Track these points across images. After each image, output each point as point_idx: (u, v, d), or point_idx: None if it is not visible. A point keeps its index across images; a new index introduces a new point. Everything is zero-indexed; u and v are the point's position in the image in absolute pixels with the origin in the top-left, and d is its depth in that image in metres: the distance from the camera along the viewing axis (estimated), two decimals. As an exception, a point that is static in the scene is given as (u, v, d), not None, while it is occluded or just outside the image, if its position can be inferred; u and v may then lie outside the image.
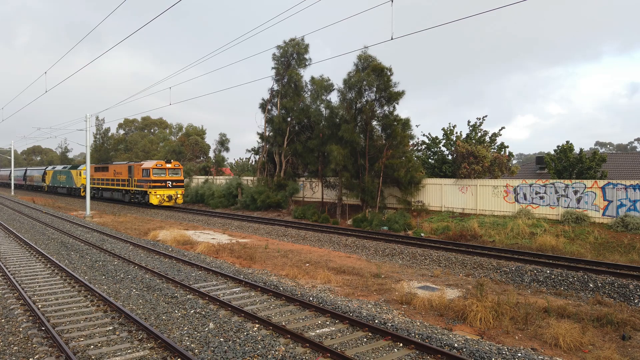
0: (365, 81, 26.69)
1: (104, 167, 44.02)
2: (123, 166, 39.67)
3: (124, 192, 39.57)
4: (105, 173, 42.96)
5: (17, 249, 17.84)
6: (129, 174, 38.03)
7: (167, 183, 35.46)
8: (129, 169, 38.14)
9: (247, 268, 14.67)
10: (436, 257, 15.91)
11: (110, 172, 41.69)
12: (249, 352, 7.60)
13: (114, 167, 41.51)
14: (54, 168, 60.12)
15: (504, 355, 7.55)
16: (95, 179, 45.09)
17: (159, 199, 34.93)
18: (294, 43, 34.45)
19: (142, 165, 36.14)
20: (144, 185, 35.68)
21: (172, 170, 35.84)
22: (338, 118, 28.84)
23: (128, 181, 38.24)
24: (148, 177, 35.10)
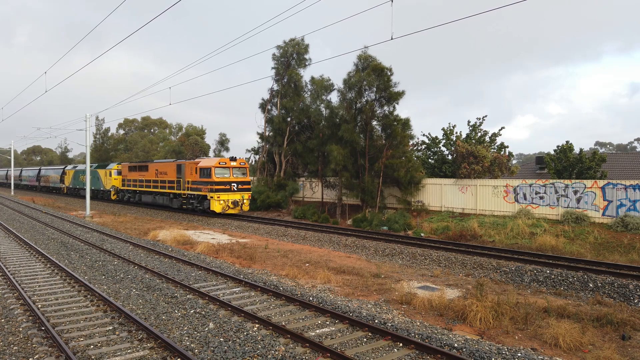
0: (365, 81, 26.70)
1: (141, 165, 36.69)
2: (169, 165, 32.74)
3: (171, 196, 32.41)
4: (144, 173, 35.91)
5: (17, 249, 17.84)
6: (177, 174, 31.14)
7: (232, 185, 27.97)
8: (177, 168, 31.30)
9: (247, 268, 14.67)
10: (436, 257, 15.91)
11: (151, 171, 34.81)
12: (248, 352, 7.60)
13: (155, 165, 34.47)
14: (75, 167, 52.66)
15: (503, 355, 7.55)
16: (131, 181, 37.99)
17: (222, 206, 27.53)
18: (294, 43, 34.46)
19: (199, 163, 28.97)
20: (202, 189, 28.37)
21: (237, 169, 28.67)
22: (338, 118, 28.85)
23: (177, 183, 31.18)
24: (209, 177, 27.75)
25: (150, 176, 34.96)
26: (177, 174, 31.23)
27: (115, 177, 41.85)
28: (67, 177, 54.14)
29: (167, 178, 32.64)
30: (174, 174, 31.69)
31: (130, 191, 38.95)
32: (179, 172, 30.95)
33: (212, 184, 27.66)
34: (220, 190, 27.66)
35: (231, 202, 27.85)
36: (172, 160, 33.95)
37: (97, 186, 45.38)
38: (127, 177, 38.88)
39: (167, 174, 32.68)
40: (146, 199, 36.06)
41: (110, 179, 42.55)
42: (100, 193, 45.67)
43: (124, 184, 39.64)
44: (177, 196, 31.87)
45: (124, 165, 40.18)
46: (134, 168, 37.83)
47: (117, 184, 41.50)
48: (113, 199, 42.79)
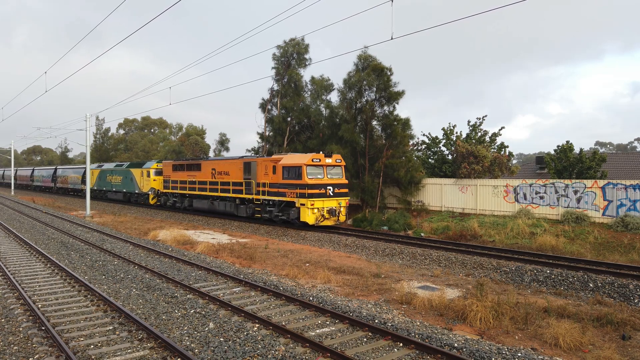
0: (365, 81, 26.72)
1: (191, 164, 30.84)
2: (232, 163, 26.66)
3: (237, 202, 26.33)
4: (195, 173, 30.09)
5: (17, 249, 17.84)
6: (245, 174, 25.29)
7: (328, 189, 21.67)
8: (245, 167, 25.37)
9: (247, 268, 14.67)
10: (436, 257, 15.91)
11: (205, 171, 29.08)
12: (249, 352, 7.60)
13: (212, 164, 28.77)
14: (102, 167, 45.86)
15: (503, 355, 7.54)
16: (177, 182, 32.03)
17: (316, 215, 21.39)
18: (294, 43, 34.46)
19: (282, 160, 22.84)
20: (286, 193, 22.28)
21: (332, 167, 22.31)
22: (338, 118, 28.86)
23: (246, 185, 25.21)
24: (298, 179, 21.60)
25: (205, 177, 29.01)
26: (245, 174, 25.33)
27: (154, 177, 35.58)
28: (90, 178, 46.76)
29: (229, 179, 26.59)
30: (240, 174, 25.73)
31: (176, 195, 32.74)
32: (248, 172, 25.17)
33: (304, 187, 21.30)
34: (314, 196, 21.29)
35: (327, 210, 21.61)
36: (237, 157, 27.48)
37: (130, 188, 38.97)
38: (171, 177, 32.78)
39: (229, 174, 26.74)
40: (199, 204, 29.79)
41: (148, 180, 36.01)
42: (135, 197, 39.10)
43: (167, 186, 33.40)
44: (246, 202, 25.72)
45: (166, 163, 34.16)
46: (181, 167, 31.99)
47: (157, 186, 35.66)
48: (152, 204, 36.41)
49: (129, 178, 39.27)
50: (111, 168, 43.20)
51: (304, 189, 21.38)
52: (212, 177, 28.28)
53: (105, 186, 43.90)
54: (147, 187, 36.33)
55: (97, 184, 45.52)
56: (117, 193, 41.73)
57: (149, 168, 36.24)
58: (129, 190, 39.34)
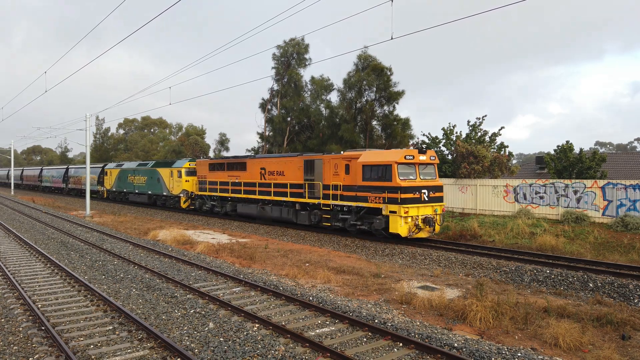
0: (365, 81, 26.77)
1: (233, 163, 26.95)
2: (288, 161, 22.80)
3: (297, 207, 22.30)
4: (239, 173, 26.27)
5: (17, 249, 17.84)
6: (307, 174, 21.39)
7: (422, 193, 17.69)
8: (306, 165, 21.40)
9: (247, 268, 14.68)
10: (436, 257, 15.91)
11: (252, 171, 25.24)
12: (248, 351, 7.60)
13: (261, 162, 24.74)
14: (121, 166, 41.47)
15: (503, 355, 7.55)
16: (216, 184, 28.24)
17: (409, 226, 17.39)
18: (294, 43, 34.48)
19: (362, 157, 18.75)
20: (369, 197, 18.20)
21: (424, 166, 18.49)
22: (338, 118, 28.90)
23: (308, 188, 21.24)
24: (386, 180, 17.64)
25: (251, 177, 25.29)
26: (306, 175, 21.44)
27: (186, 178, 31.84)
28: (108, 178, 43.52)
29: (285, 180, 22.78)
30: (299, 174, 21.92)
31: (214, 198, 28.93)
32: (310, 172, 21.22)
33: (395, 191, 17.33)
34: (408, 202, 17.26)
35: (421, 219, 17.64)
36: (294, 154, 23.62)
37: (157, 190, 34.95)
38: (208, 178, 29.07)
39: (284, 175, 22.94)
40: (245, 209, 25.93)
41: (179, 182, 32.14)
42: (162, 200, 34.86)
43: (203, 188, 29.61)
44: (309, 208, 21.80)
45: (201, 162, 30.36)
46: (220, 166, 28.12)
47: (190, 187, 31.95)
48: (184, 208, 32.36)
49: (155, 179, 35.14)
50: (133, 167, 38.85)
51: (396, 193, 17.28)
52: (262, 177, 24.37)
53: (126, 187, 39.64)
54: (177, 189, 32.37)
55: (116, 185, 41.51)
56: (141, 195, 37.47)
57: (180, 167, 32.12)
58: (155, 192, 35.24)
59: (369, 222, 18.73)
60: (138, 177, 37.77)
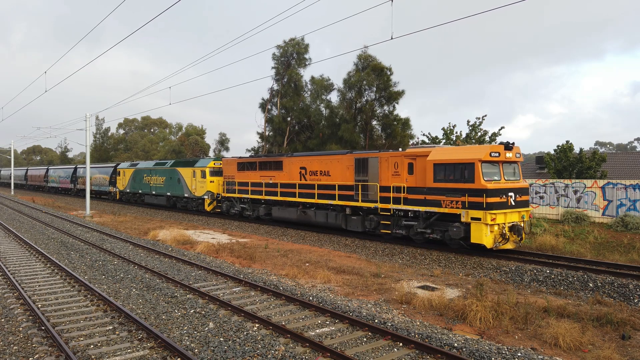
0: (365, 81, 26.78)
1: (266, 161, 24.36)
2: (335, 160, 20.35)
3: (346, 212, 19.83)
4: (273, 173, 23.75)
5: (17, 249, 17.84)
6: (359, 173, 18.91)
7: (509, 197, 15.33)
8: (360, 164, 18.94)
9: (247, 268, 14.68)
10: (436, 257, 15.91)
11: (290, 170, 22.70)
12: (248, 351, 7.60)
13: (300, 161, 22.19)
14: (136, 165, 38.67)
15: (503, 354, 7.55)
16: (247, 185, 25.64)
17: (494, 235, 15.12)
18: (294, 43, 34.48)
19: (432, 154, 16.30)
20: (443, 202, 15.75)
21: (508, 165, 16.11)
22: (338, 118, 28.91)
23: (360, 190, 18.78)
24: (467, 181, 15.23)
25: (289, 177, 22.74)
26: (358, 175, 18.94)
27: (211, 178, 29.24)
28: (121, 179, 40.66)
29: (331, 181, 20.28)
30: (348, 174, 19.47)
31: (245, 200, 26.29)
32: (362, 172, 18.75)
33: (479, 194, 14.91)
34: (495, 207, 14.91)
35: (508, 226, 15.30)
36: (342, 152, 21.15)
37: (177, 192, 32.39)
38: (236, 178, 26.55)
39: (330, 175, 20.42)
40: (283, 213, 23.26)
41: (203, 182, 29.52)
42: (183, 202, 32.15)
43: (231, 190, 27.08)
44: (361, 212, 19.15)
45: (228, 161, 27.93)
46: (250, 166, 25.47)
47: (215, 189, 29.29)
48: (209, 212, 29.63)
49: (175, 179, 32.63)
50: (150, 167, 36.27)
51: (480, 197, 14.81)
52: (302, 178, 21.93)
53: (141, 188, 36.98)
54: (201, 191, 29.74)
55: (130, 186, 38.88)
56: (158, 197, 34.89)
57: (204, 167, 29.47)
58: (174, 193, 32.69)
59: (442, 230, 16.19)
60: (155, 178, 35.19)
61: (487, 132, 29.77)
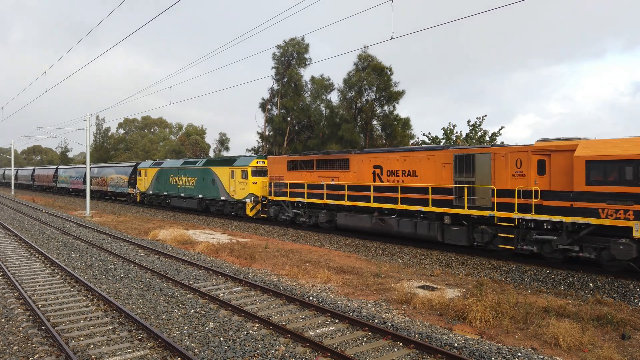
0: (365, 81, 26.80)
1: (327, 159, 20.77)
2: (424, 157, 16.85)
3: (444, 220, 16.19)
4: (337, 173, 20.12)
5: (17, 249, 17.85)
6: (460, 173, 15.53)
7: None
8: (462, 162, 15.49)
9: (247, 267, 14.68)
10: (436, 257, 15.91)
11: (360, 170, 19.06)
12: (249, 351, 7.61)
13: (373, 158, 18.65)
14: (160, 165, 35.21)
15: (503, 354, 7.55)
16: (302, 186, 21.85)
17: None
18: (294, 43, 34.50)
19: (581, 149, 12.74)
20: (604, 211, 12.18)
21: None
22: (338, 117, 28.92)
23: (466, 193, 15.27)
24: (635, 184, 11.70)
25: (358, 178, 19.06)
26: (460, 175, 15.48)
27: (253, 179, 25.49)
28: (142, 179, 37.14)
29: (419, 183, 16.75)
30: (444, 174, 16.02)
31: (300, 205, 22.57)
32: (465, 171, 15.34)
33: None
34: None
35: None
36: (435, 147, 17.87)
37: (211, 194, 28.78)
38: (287, 179, 22.88)
39: (418, 176, 16.86)
40: (353, 221, 19.42)
41: (244, 184, 25.80)
42: (218, 206, 28.81)
43: (280, 192, 23.34)
44: (466, 222, 15.60)
45: (275, 160, 24.02)
46: (305, 164, 21.85)
47: (258, 191, 25.51)
48: (251, 217, 25.93)
49: (209, 179, 29.10)
50: (177, 166, 32.74)
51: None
52: (376, 179, 18.42)
53: (167, 190, 33.55)
54: (241, 193, 26.09)
55: (154, 187, 35.33)
56: (188, 200, 31.37)
57: (246, 166, 25.86)
58: (208, 196, 29.14)
59: (598, 247, 12.73)
60: (184, 178, 31.65)
61: (488, 132, 29.80)
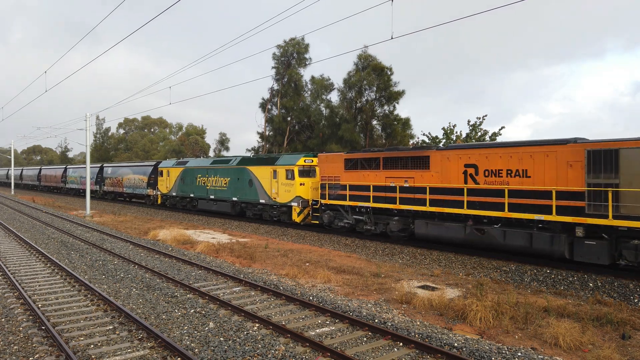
0: (365, 80, 26.81)
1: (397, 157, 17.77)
2: (537, 153, 13.77)
3: (576, 232, 12.86)
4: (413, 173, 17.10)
5: (17, 248, 17.85)
6: (598, 173, 12.37)
7: None
8: (600, 158, 12.33)
9: (247, 267, 14.68)
10: (436, 257, 15.91)
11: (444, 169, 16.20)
12: (249, 351, 7.61)
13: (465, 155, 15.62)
14: (186, 164, 32.16)
15: (503, 354, 7.55)
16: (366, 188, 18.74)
17: None
18: (294, 42, 34.51)
19: None
20: None
21: None
22: (338, 117, 28.93)
23: (592, 199, 12.40)
24: None
25: (442, 179, 16.11)
26: (593, 175, 12.54)
27: (301, 180, 22.51)
28: (164, 180, 34.01)
29: (532, 185, 13.85)
30: (571, 174, 13.10)
31: (363, 210, 19.19)
32: (601, 170, 12.35)
33: None
34: None
35: None
36: (556, 141, 13.78)
37: (248, 196, 25.70)
38: (343, 180, 19.73)
39: (527, 176, 14.03)
40: (438, 231, 16.17)
41: (291, 185, 22.71)
42: (257, 209, 25.70)
43: (337, 195, 20.09)
44: (606, 235, 12.45)
45: (328, 158, 20.90)
46: (367, 163, 18.84)
47: (305, 193, 22.52)
48: (299, 223, 22.80)
49: (244, 180, 26.05)
50: (206, 166, 29.89)
51: None
52: (469, 179, 15.35)
53: (193, 192, 30.61)
54: (286, 196, 23.02)
55: (178, 189, 32.28)
56: (219, 202, 28.40)
57: (292, 165, 22.80)
58: (244, 198, 26.08)
59: None
60: (214, 178, 28.66)
61: (488, 132, 29.80)
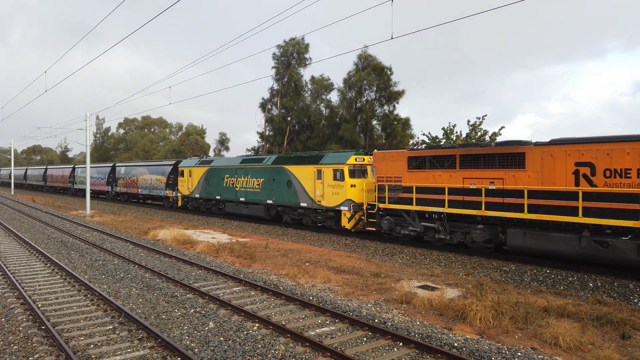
0: (365, 80, 26.81)
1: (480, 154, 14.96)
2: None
3: None
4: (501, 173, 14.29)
5: (17, 248, 17.85)
6: None
7: None
8: None
9: (247, 267, 14.68)
10: (436, 257, 15.91)
11: (544, 168, 13.35)
12: (248, 351, 7.61)
13: (575, 152, 12.83)
14: (210, 163, 29.48)
15: (503, 354, 7.55)
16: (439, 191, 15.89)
17: None
18: (294, 42, 34.51)
19: None
20: None
21: None
22: (338, 117, 28.94)
23: None
24: None
25: (542, 181, 13.49)
26: None
27: (351, 181, 19.69)
28: (185, 180, 31.26)
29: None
30: None
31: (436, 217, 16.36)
32: None
33: None
34: None
35: None
36: None
37: (286, 199, 23.11)
38: (407, 181, 17.13)
39: None
40: (538, 243, 13.49)
41: (340, 187, 19.94)
42: (297, 214, 23.04)
43: (397, 199, 17.46)
44: None
45: (386, 155, 18.34)
46: (438, 161, 16.24)
47: (356, 196, 19.67)
48: (349, 229, 19.98)
49: (281, 181, 23.30)
50: (235, 165, 26.80)
51: None
52: (582, 181, 12.74)
53: (220, 194, 27.78)
54: (334, 199, 20.27)
55: (201, 190, 29.50)
56: (250, 206, 25.57)
57: (341, 164, 20.03)
58: (281, 201, 23.44)
59: None
60: (245, 179, 25.88)
61: (487, 132, 29.79)
